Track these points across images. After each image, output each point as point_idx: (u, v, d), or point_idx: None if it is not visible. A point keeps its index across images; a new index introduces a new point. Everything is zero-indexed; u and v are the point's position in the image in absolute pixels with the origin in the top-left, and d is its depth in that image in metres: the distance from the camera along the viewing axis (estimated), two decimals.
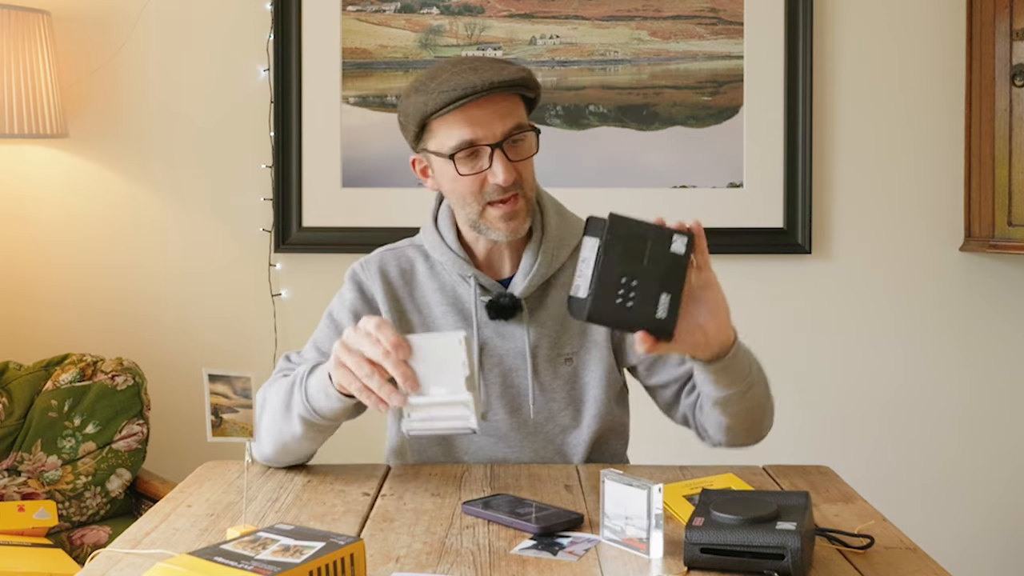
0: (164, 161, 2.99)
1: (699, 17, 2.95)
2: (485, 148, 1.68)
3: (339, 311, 1.82)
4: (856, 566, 1.34)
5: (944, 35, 2.96)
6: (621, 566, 1.33)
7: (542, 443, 1.82)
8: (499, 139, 1.68)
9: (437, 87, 1.66)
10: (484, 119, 1.67)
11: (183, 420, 2.93)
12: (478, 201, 1.71)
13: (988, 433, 3.01)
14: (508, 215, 1.71)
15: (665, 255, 1.45)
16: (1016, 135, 2.77)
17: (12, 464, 2.61)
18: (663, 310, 1.43)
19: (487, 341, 1.79)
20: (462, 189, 1.71)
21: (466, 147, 1.68)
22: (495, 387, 1.80)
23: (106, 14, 2.97)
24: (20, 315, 2.99)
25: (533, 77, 1.72)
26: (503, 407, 1.80)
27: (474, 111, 1.66)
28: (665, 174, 2.96)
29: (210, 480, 1.72)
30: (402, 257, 1.85)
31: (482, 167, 1.69)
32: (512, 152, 1.69)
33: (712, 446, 1.80)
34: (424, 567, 1.33)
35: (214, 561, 1.17)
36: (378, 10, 2.95)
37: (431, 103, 1.66)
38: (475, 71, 1.66)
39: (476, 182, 1.69)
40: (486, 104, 1.66)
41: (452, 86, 1.65)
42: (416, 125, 1.71)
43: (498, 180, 1.67)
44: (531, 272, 1.77)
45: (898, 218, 2.99)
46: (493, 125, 1.67)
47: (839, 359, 3.01)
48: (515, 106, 1.70)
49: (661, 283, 1.44)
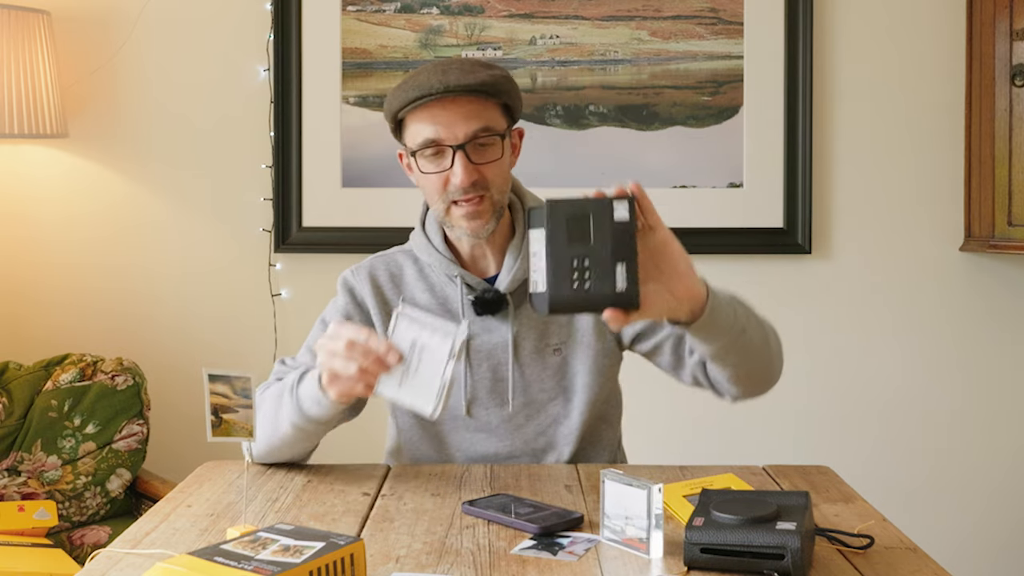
0: (164, 161, 2.99)
1: (699, 17, 2.95)
2: (448, 148, 1.71)
3: (332, 316, 1.85)
4: (856, 566, 1.34)
5: (944, 35, 2.96)
6: (621, 566, 1.33)
7: (532, 435, 1.83)
8: (461, 141, 1.71)
9: (407, 84, 1.72)
10: (448, 120, 1.70)
11: (183, 420, 2.93)
12: (442, 199, 1.75)
13: (988, 433, 3.01)
14: (470, 215, 1.74)
15: (610, 225, 1.41)
16: (1016, 135, 2.77)
17: (12, 464, 2.61)
18: (622, 281, 1.40)
19: (475, 337, 1.82)
20: (428, 186, 1.76)
21: (429, 145, 1.72)
22: (484, 381, 1.81)
23: (106, 14, 2.97)
24: (20, 315, 2.99)
25: (502, 83, 1.73)
26: (491, 401, 1.82)
27: (438, 111, 1.70)
28: (665, 174, 2.96)
29: (210, 480, 1.72)
30: (391, 262, 1.89)
31: (444, 167, 1.73)
32: (476, 155, 1.72)
33: (732, 401, 1.77)
34: (424, 567, 1.33)
35: (214, 561, 1.17)
36: (378, 10, 2.95)
37: (396, 101, 1.73)
38: (444, 73, 1.70)
39: (439, 181, 1.73)
40: (451, 106, 1.70)
41: (417, 84, 1.70)
42: (390, 120, 1.78)
43: (456, 181, 1.71)
44: (514, 267, 1.80)
45: (898, 218, 2.99)
46: (455, 126, 1.71)
47: (839, 359, 3.01)
48: (484, 109, 1.73)
49: (613, 254, 1.40)
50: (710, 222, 2.95)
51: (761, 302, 2.95)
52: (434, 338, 1.52)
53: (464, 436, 1.84)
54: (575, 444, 1.83)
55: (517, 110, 1.79)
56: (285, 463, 1.79)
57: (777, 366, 1.73)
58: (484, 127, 1.72)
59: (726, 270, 2.98)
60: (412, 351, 1.53)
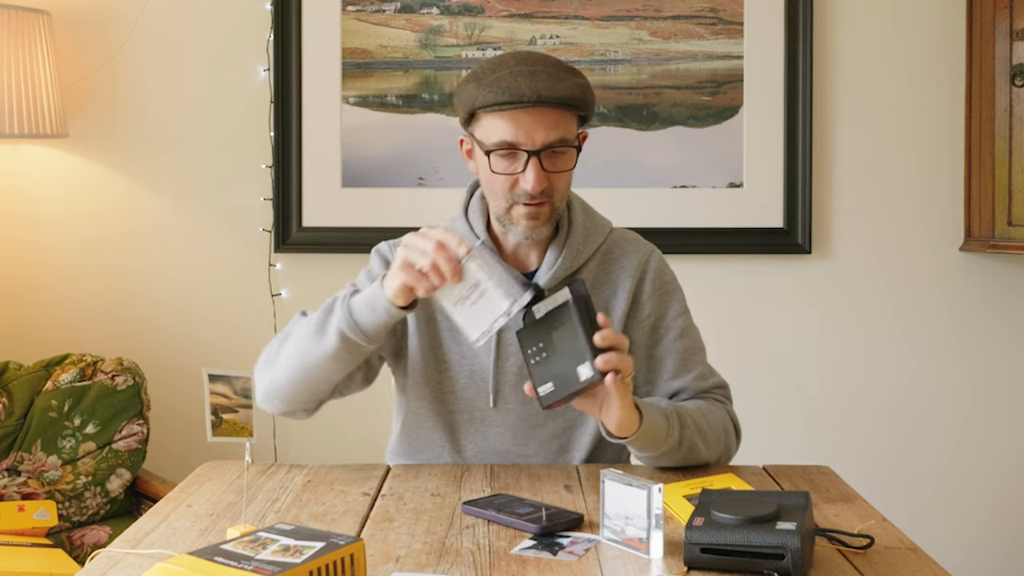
0: (164, 161, 2.99)
1: (699, 17, 2.95)
2: (522, 153, 1.70)
3: (364, 280, 1.85)
4: (856, 566, 1.34)
5: (944, 35, 2.96)
6: (621, 566, 1.33)
7: (548, 437, 1.83)
8: (538, 148, 1.70)
9: (491, 83, 1.69)
10: (528, 126, 1.69)
11: (183, 420, 2.93)
12: (507, 199, 1.74)
13: (988, 433, 3.01)
14: (532, 214, 1.74)
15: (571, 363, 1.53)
16: (1016, 135, 2.77)
17: (12, 464, 2.62)
18: (545, 390, 1.55)
19: (505, 331, 1.81)
20: (494, 184, 1.75)
21: (505, 147, 1.71)
22: (508, 376, 1.81)
23: (106, 14, 2.97)
24: (20, 315, 2.99)
25: (587, 95, 1.73)
26: (515, 397, 1.81)
27: (521, 116, 1.69)
28: (665, 174, 2.96)
29: (210, 480, 1.72)
30: None
31: (516, 169, 1.72)
32: (548, 163, 1.72)
33: None
34: (424, 567, 1.33)
35: (214, 561, 1.17)
36: (378, 10, 2.95)
37: (480, 98, 1.70)
38: (532, 76, 1.68)
39: (508, 182, 1.73)
40: (534, 112, 1.69)
41: (504, 87, 1.68)
42: (465, 112, 1.75)
43: (527, 187, 1.71)
44: (555, 265, 1.80)
45: (898, 218, 2.99)
46: (535, 133, 1.70)
47: (839, 359, 3.01)
48: (563, 119, 1.72)
49: (554, 377, 1.54)
50: (710, 222, 2.95)
51: (761, 302, 2.99)
52: (496, 291, 1.56)
53: (479, 429, 1.83)
54: (587, 451, 1.83)
55: (590, 118, 1.79)
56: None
57: (714, 464, 1.80)
58: (561, 138, 1.71)
59: (726, 270, 2.98)
60: (474, 290, 1.56)
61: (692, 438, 1.71)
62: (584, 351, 1.52)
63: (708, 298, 2.85)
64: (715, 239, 2.95)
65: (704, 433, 1.74)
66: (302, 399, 1.77)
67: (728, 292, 2.98)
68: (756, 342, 2.99)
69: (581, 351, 1.52)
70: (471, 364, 1.82)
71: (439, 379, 1.83)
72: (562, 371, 1.53)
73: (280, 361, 1.74)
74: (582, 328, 1.53)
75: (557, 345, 1.54)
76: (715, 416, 1.78)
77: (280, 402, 1.77)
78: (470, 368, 1.82)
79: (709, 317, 2.12)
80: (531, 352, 1.56)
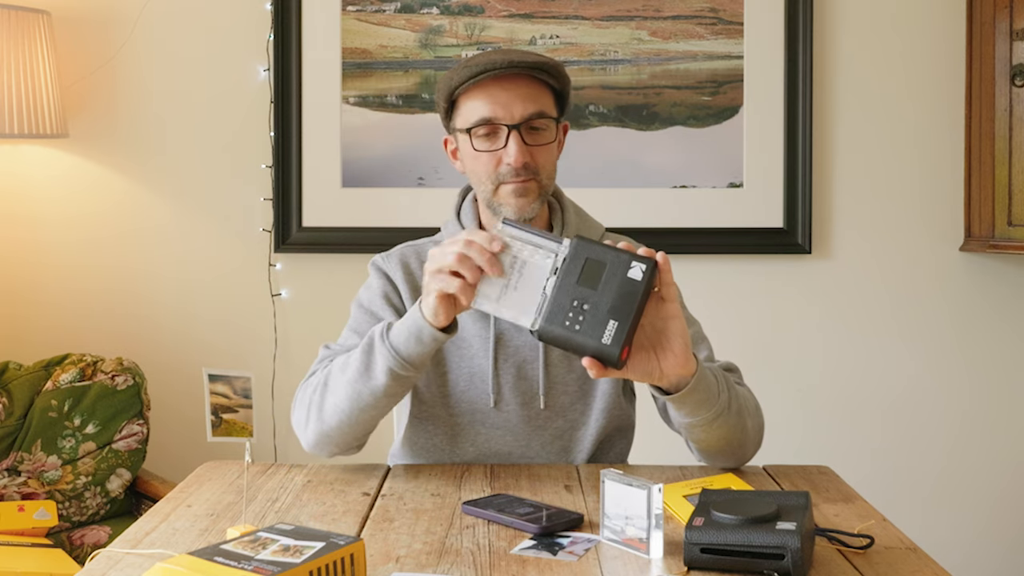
0: (164, 161, 2.99)
1: (699, 17, 2.95)
2: (503, 128, 1.73)
3: (370, 298, 1.85)
4: (856, 566, 1.34)
5: (944, 35, 2.97)
6: (621, 566, 1.33)
7: (549, 438, 1.83)
8: (517, 121, 1.73)
9: (465, 64, 1.74)
10: (505, 99, 1.72)
11: (183, 420, 2.93)
12: (492, 179, 1.75)
13: (988, 433, 3.01)
14: (520, 191, 1.74)
15: (621, 281, 1.43)
16: (1016, 135, 2.77)
17: (12, 464, 2.62)
18: (608, 336, 1.43)
19: (503, 333, 1.82)
20: (478, 167, 1.76)
21: (484, 123, 1.73)
22: (509, 378, 1.81)
23: (106, 14, 2.97)
24: (20, 315, 2.99)
25: (559, 67, 1.77)
26: (515, 399, 1.82)
27: (496, 90, 1.72)
28: (665, 174, 2.96)
29: (210, 480, 1.72)
30: (422, 252, 1.88)
31: (498, 146, 1.74)
32: (529, 137, 1.74)
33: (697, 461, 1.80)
34: (424, 567, 1.33)
35: (214, 561, 1.17)
36: (378, 10, 2.95)
37: (456, 78, 1.74)
38: (504, 54, 1.73)
39: (491, 160, 1.74)
40: (510, 86, 1.72)
41: (477, 63, 1.72)
42: (445, 100, 1.78)
43: (510, 160, 1.72)
44: None
45: (898, 218, 2.99)
46: (513, 106, 1.72)
47: (839, 359, 3.01)
48: (540, 93, 1.75)
49: (611, 309, 1.43)
50: (710, 222, 2.95)
51: (761, 302, 2.99)
52: (536, 255, 1.50)
53: (480, 431, 1.83)
54: (589, 452, 1.83)
55: (567, 103, 1.81)
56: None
57: (750, 450, 1.74)
58: (540, 111, 1.74)
59: (726, 270, 2.98)
60: (512, 268, 1.51)
61: (738, 400, 1.66)
62: (624, 261, 1.43)
63: (708, 298, 2.85)
64: (715, 239, 2.95)
65: (744, 400, 1.69)
66: (356, 437, 1.74)
67: (728, 292, 2.98)
68: (756, 342, 2.99)
69: (621, 265, 1.43)
70: (470, 366, 1.82)
71: (440, 382, 1.83)
72: (615, 301, 1.43)
73: (328, 410, 1.69)
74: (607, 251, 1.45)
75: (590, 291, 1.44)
76: (744, 388, 1.75)
77: (334, 447, 1.74)
78: (470, 370, 1.82)
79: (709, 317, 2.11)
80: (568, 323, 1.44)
